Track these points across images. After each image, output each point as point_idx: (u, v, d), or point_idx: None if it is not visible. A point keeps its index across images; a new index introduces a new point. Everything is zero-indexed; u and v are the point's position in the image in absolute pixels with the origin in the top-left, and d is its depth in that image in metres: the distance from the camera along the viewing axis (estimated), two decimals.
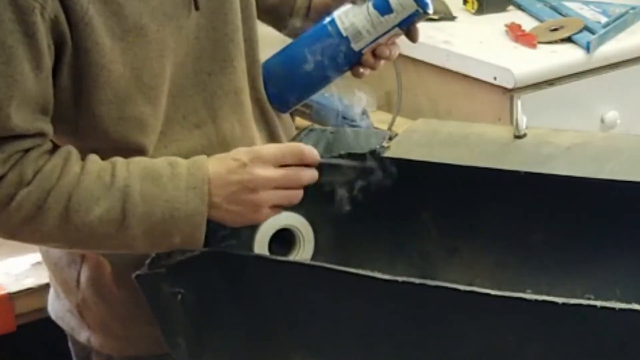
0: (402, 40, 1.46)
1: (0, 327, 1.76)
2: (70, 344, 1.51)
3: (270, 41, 1.52)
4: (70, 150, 1.24)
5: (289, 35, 1.54)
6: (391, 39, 1.43)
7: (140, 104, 1.27)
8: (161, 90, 1.29)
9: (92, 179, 1.22)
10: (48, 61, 1.20)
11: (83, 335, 1.44)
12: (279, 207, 1.28)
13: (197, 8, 1.31)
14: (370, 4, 1.39)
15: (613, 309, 1.06)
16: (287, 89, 1.47)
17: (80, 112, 1.25)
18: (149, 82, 1.27)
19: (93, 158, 1.24)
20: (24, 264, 1.80)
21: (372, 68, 1.46)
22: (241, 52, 1.38)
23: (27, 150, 1.21)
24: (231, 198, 1.24)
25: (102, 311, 1.40)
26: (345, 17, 1.41)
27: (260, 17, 1.45)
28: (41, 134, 1.23)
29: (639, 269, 1.32)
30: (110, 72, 1.23)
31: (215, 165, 1.25)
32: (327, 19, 1.43)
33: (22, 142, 1.21)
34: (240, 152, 1.26)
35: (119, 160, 1.25)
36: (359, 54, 1.43)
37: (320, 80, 1.46)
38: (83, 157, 1.25)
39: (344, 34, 1.41)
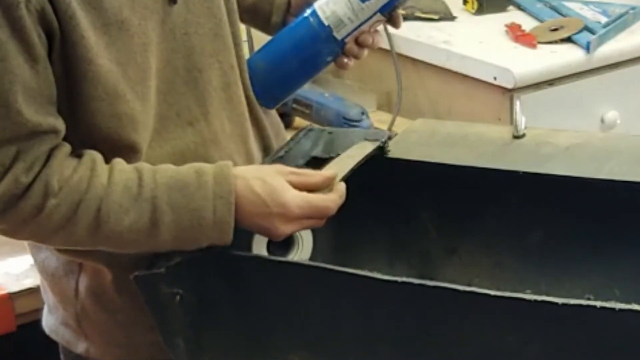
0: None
1: (0, 327, 1.76)
2: (62, 357, 1.49)
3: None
4: (94, 159, 1.24)
5: (270, 33, 1.52)
6: (374, 26, 1.42)
7: (129, 100, 1.26)
8: (148, 86, 1.28)
9: (119, 189, 1.23)
10: (42, 52, 1.20)
11: (80, 346, 1.42)
12: None
13: (174, 1, 1.30)
14: None
15: (613, 309, 1.06)
16: (272, 84, 1.46)
17: (74, 108, 1.24)
18: (134, 77, 1.26)
19: (119, 167, 1.25)
20: (24, 264, 1.79)
21: (356, 57, 1.45)
22: (228, 47, 1.38)
23: (48, 156, 1.21)
24: (251, 227, 1.27)
25: (102, 320, 1.39)
26: (326, 7, 1.40)
27: (240, 18, 1.44)
28: (54, 131, 1.22)
29: (638, 269, 1.32)
30: (97, 66, 1.23)
31: (242, 188, 1.25)
32: (308, 11, 1.42)
33: (39, 142, 1.21)
34: (267, 192, 1.25)
35: (144, 168, 1.25)
36: (342, 43, 1.42)
37: (305, 73, 1.46)
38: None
39: (326, 23, 1.40)
